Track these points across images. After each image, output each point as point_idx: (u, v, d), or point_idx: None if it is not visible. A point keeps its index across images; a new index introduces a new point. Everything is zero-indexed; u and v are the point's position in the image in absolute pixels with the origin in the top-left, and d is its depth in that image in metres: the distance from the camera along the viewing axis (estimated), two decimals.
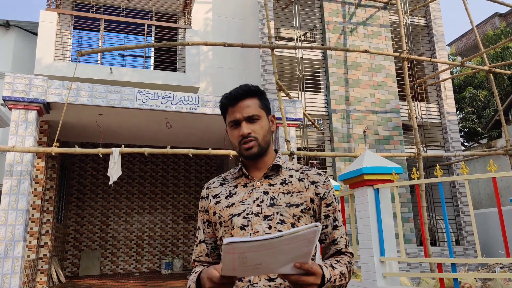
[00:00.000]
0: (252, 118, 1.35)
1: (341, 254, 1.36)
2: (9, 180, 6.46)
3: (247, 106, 1.36)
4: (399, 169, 4.46)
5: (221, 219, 1.34)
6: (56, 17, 9.20)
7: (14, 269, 6.16)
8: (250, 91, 1.38)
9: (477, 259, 3.68)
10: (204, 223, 1.42)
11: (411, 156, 7.76)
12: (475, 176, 3.80)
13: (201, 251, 1.42)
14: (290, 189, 1.35)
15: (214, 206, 1.37)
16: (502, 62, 13.39)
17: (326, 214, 1.37)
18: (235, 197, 1.35)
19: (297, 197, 1.33)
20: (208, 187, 1.45)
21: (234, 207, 1.33)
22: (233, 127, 1.37)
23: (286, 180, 1.37)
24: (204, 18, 11.06)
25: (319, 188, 1.37)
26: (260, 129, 1.36)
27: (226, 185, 1.41)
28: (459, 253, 9.62)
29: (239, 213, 1.31)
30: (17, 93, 6.71)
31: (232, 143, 1.40)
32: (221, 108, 1.42)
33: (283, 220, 1.29)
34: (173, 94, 7.68)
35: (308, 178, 1.39)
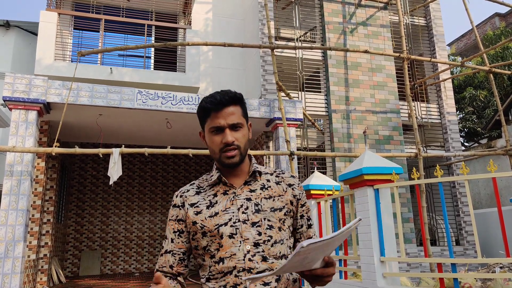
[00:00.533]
0: (236, 126, 1.34)
1: None
2: (9, 180, 6.46)
3: (232, 113, 1.34)
4: (399, 169, 4.46)
5: (204, 229, 1.31)
6: (56, 17, 9.20)
7: (14, 269, 6.17)
8: (236, 98, 1.36)
9: (477, 259, 3.68)
10: (174, 232, 1.38)
11: (411, 156, 7.76)
12: (475, 176, 3.81)
13: (165, 261, 1.39)
14: (270, 193, 1.37)
15: (194, 216, 1.34)
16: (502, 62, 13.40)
17: (301, 214, 1.43)
18: (217, 206, 1.33)
19: (279, 200, 1.36)
20: (182, 195, 1.40)
21: (218, 216, 1.31)
22: (214, 133, 1.34)
23: (265, 185, 1.38)
24: (204, 18, 11.06)
25: (295, 190, 1.41)
26: (243, 138, 1.35)
27: (203, 194, 1.38)
28: (459, 253, 9.62)
29: (226, 222, 1.29)
30: (17, 93, 6.72)
31: (210, 149, 1.37)
32: (203, 111, 1.37)
33: (271, 225, 1.31)
34: (173, 94, 7.68)
35: (284, 181, 1.42)
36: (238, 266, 1.25)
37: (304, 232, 1.43)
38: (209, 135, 1.36)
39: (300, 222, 1.42)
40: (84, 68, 9.06)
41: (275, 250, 1.29)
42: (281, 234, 1.32)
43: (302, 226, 1.42)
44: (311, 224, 1.45)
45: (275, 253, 1.29)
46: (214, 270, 1.29)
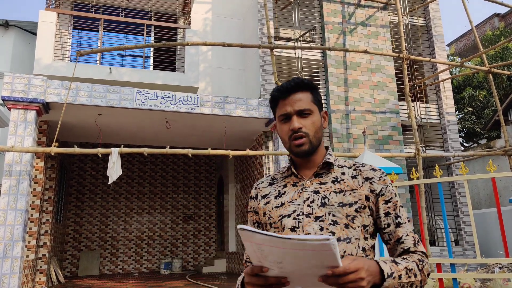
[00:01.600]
0: (303, 112, 1.28)
1: (410, 253, 1.23)
2: (8, 180, 6.45)
3: (299, 99, 1.29)
4: (398, 169, 4.46)
5: (270, 220, 1.28)
6: (55, 17, 9.19)
7: (13, 269, 6.16)
8: (303, 84, 1.32)
9: (476, 259, 3.68)
10: (253, 224, 1.38)
11: (410, 156, 7.76)
12: (474, 176, 3.81)
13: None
14: (342, 187, 1.26)
15: (263, 207, 1.33)
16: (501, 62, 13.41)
17: (386, 212, 1.26)
18: (284, 197, 1.30)
19: (350, 195, 1.25)
20: (256, 187, 1.40)
21: (283, 207, 1.27)
22: (283, 121, 1.31)
23: (338, 178, 1.29)
24: (203, 18, 11.06)
25: (374, 184, 1.27)
26: (312, 125, 1.29)
27: (275, 185, 1.36)
28: (458, 253, 9.62)
29: (289, 214, 1.25)
30: (16, 93, 6.71)
31: (281, 139, 1.33)
32: (272, 101, 1.35)
33: (335, 221, 1.22)
34: (173, 94, 7.67)
35: (361, 174, 1.29)
36: None
37: (393, 232, 1.25)
38: (279, 124, 1.33)
39: (385, 220, 1.26)
40: (83, 68, 9.04)
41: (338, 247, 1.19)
42: (348, 231, 1.21)
43: (389, 225, 1.25)
44: (401, 222, 1.25)
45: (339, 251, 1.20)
46: None
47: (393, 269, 1.10)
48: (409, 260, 1.18)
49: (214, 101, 7.90)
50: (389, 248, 1.28)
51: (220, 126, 8.64)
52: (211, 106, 7.85)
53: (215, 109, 7.84)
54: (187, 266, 12.50)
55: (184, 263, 12.37)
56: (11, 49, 10.37)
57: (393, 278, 1.09)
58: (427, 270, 1.21)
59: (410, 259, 1.18)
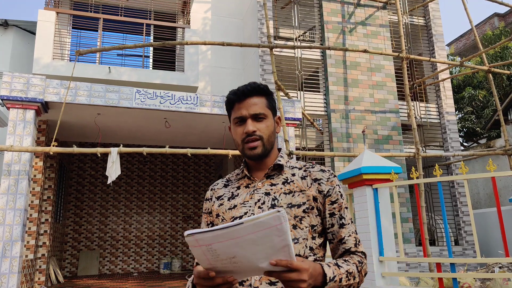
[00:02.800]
0: (258, 116, 1.31)
1: (350, 253, 1.28)
2: (7, 179, 6.44)
3: (254, 103, 1.32)
4: (398, 168, 4.45)
5: (223, 222, 1.30)
6: (54, 17, 9.17)
7: (12, 269, 6.14)
8: (259, 89, 1.34)
9: (476, 259, 3.67)
10: (208, 225, 1.40)
11: (410, 156, 7.75)
12: (474, 176, 3.79)
13: None
14: (291, 188, 1.29)
15: (217, 209, 1.35)
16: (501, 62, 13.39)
17: (332, 212, 1.30)
18: (237, 199, 1.32)
19: (299, 196, 1.27)
20: (212, 189, 1.43)
21: (236, 209, 1.30)
22: (238, 124, 1.33)
23: (288, 180, 1.31)
24: (203, 17, 11.04)
25: (322, 186, 1.30)
26: (266, 129, 1.31)
27: (230, 187, 1.39)
28: (458, 253, 9.62)
29: (241, 216, 1.28)
30: (15, 93, 6.69)
31: (235, 141, 1.35)
32: (227, 103, 1.37)
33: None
34: (172, 93, 7.66)
35: (310, 175, 1.32)
36: None
37: (336, 232, 1.29)
38: (233, 126, 1.36)
39: (330, 220, 1.29)
40: (82, 67, 9.03)
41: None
42: (296, 232, 1.23)
43: (333, 225, 1.29)
44: (344, 223, 1.29)
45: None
46: None
47: (335, 272, 1.13)
48: (350, 262, 1.21)
49: (213, 101, 7.89)
50: (332, 247, 1.32)
51: (219, 125, 8.62)
52: (210, 105, 7.83)
53: (215, 109, 7.83)
54: (187, 266, 12.48)
55: (183, 263, 12.36)
56: (10, 48, 10.35)
57: (334, 281, 1.12)
58: (365, 271, 1.26)
59: (351, 261, 1.22)
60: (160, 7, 10.99)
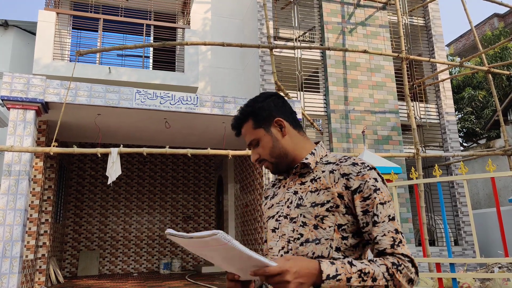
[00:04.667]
0: (252, 143, 1.34)
1: (386, 255, 1.13)
2: (7, 180, 6.44)
3: (244, 134, 1.35)
4: (397, 169, 4.46)
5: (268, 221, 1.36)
6: (54, 17, 9.18)
7: (12, 269, 6.15)
8: (242, 117, 1.34)
9: (476, 259, 3.68)
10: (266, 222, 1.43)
11: (410, 156, 7.76)
12: (473, 176, 3.80)
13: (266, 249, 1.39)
14: (317, 186, 1.22)
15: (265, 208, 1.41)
16: (500, 62, 13.41)
17: (365, 210, 1.16)
18: (275, 198, 1.36)
19: (323, 194, 1.20)
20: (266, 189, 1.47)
21: (272, 208, 1.35)
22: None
23: (316, 177, 1.24)
24: (203, 18, 11.05)
25: (350, 181, 1.18)
26: (263, 150, 1.31)
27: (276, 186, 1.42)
28: (457, 253, 9.63)
29: (273, 215, 1.32)
30: (16, 93, 6.70)
31: None
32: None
33: (305, 222, 1.20)
34: (172, 94, 7.67)
35: (340, 170, 1.21)
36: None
37: (370, 231, 1.16)
38: None
39: (364, 219, 1.16)
40: (82, 68, 9.04)
41: (305, 249, 1.17)
42: (317, 232, 1.17)
43: (368, 224, 1.16)
44: (377, 221, 1.15)
45: (306, 252, 1.17)
46: None
47: (340, 271, 1.05)
48: (376, 263, 1.10)
49: (213, 101, 7.89)
50: (370, 249, 1.21)
51: (219, 126, 8.63)
52: (210, 106, 7.84)
53: (215, 109, 7.83)
54: (187, 266, 12.49)
55: (183, 263, 12.36)
56: (10, 49, 10.36)
57: (336, 280, 1.04)
58: (406, 275, 1.10)
59: (378, 262, 1.10)
60: (160, 8, 10.99)
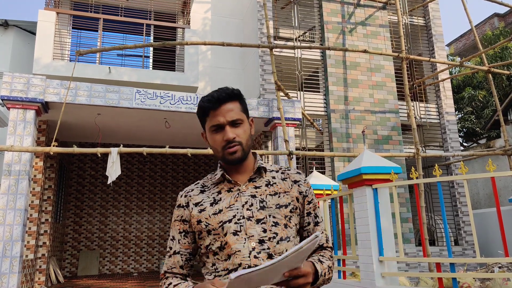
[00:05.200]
0: (235, 122, 1.33)
1: (323, 249, 1.39)
2: (7, 179, 6.44)
3: (231, 109, 1.33)
4: (398, 169, 4.45)
5: (209, 227, 1.30)
6: (54, 17, 9.18)
7: (12, 269, 6.15)
8: (233, 94, 1.36)
9: (476, 258, 3.67)
10: (180, 233, 1.37)
11: (410, 156, 7.76)
12: (473, 176, 3.80)
13: (174, 262, 1.36)
14: (276, 190, 1.35)
15: (198, 215, 1.33)
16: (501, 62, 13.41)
17: (308, 212, 1.40)
18: (221, 204, 1.32)
19: (284, 197, 1.35)
20: (186, 195, 1.39)
21: (222, 213, 1.30)
22: (215, 131, 1.35)
23: (270, 182, 1.37)
24: (203, 17, 11.04)
25: (301, 187, 1.40)
26: (244, 133, 1.34)
27: (207, 192, 1.38)
28: (457, 253, 9.62)
29: (230, 219, 1.29)
30: (15, 93, 6.69)
31: (212, 148, 1.38)
32: (202, 111, 1.37)
33: (276, 222, 1.30)
34: (172, 93, 7.67)
35: (290, 177, 1.41)
36: (243, 263, 1.25)
37: (312, 230, 1.40)
38: (210, 134, 1.37)
39: (307, 219, 1.40)
40: (82, 68, 9.03)
41: (281, 247, 1.28)
42: (287, 231, 1.31)
43: (310, 223, 1.40)
44: (318, 222, 1.42)
45: (281, 250, 1.28)
46: (219, 267, 1.28)
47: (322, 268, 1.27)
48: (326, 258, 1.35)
49: None
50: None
51: None
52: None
53: None
54: None
55: None
56: (10, 48, 10.36)
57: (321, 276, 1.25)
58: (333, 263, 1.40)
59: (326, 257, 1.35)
60: (160, 7, 10.99)
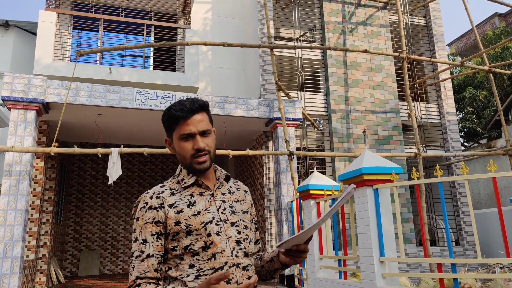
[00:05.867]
0: (205, 132, 1.40)
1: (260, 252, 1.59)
2: (8, 180, 6.44)
3: (201, 120, 1.39)
4: (398, 169, 4.44)
5: (190, 228, 1.31)
6: (55, 17, 9.18)
7: (13, 269, 6.15)
8: (204, 106, 1.42)
9: (477, 259, 3.66)
10: (153, 235, 1.33)
11: (410, 156, 7.75)
12: (474, 176, 3.79)
13: (149, 266, 1.31)
14: (237, 197, 1.48)
15: (175, 216, 1.33)
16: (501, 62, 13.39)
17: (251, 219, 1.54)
18: (197, 206, 1.36)
19: (243, 204, 1.49)
20: (158, 197, 1.38)
21: (201, 215, 1.34)
22: (184, 140, 1.39)
23: (231, 190, 1.49)
24: (203, 18, 11.05)
25: (248, 196, 1.56)
26: (212, 143, 1.43)
27: (178, 195, 1.39)
28: (459, 254, 9.61)
29: (210, 221, 1.35)
30: (16, 93, 6.70)
31: (180, 155, 1.42)
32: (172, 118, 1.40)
33: (245, 225, 1.43)
34: (172, 94, 7.67)
35: (241, 187, 1.55)
36: (229, 262, 1.32)
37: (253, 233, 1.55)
38: (179, 142, 1.41)
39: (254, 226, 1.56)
40: (83, 68, 9.04)
41: (251, 247, 1.43)
42: (251, 234, 1.46)
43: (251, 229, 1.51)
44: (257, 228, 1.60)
45: (251, 250, 1.43)
46: (204, 266, 1.30)
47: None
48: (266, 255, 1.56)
49: (214, 101, 7.89)
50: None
51: (220, 126, 8.63)
52: (211, 106, 7.84)
53: (215, 109, 7.83)
54: None
55: None
56: (11, 49, 10.37)
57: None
58: None
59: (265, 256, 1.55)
60: (161, 8, 10.99)
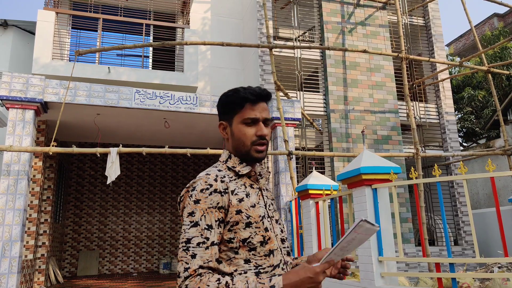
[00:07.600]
0: (267, 121, 1.34)
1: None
2: (6, 179, 6.43)
3: (265, 109, 1.34)
4: (397, 169, 4.44)
5: (250, 219, 1.22)
6: (54, 17, 9.17)
7: (11, 269, 6.14)
8: (270, 95, 1.37)
9: (475, 259, 3.67)
10: (216, 221, 1.20)
11: (409, 156, 7.76)
12: (473, 176, 3.79)
13: (212, 255, 1.18)
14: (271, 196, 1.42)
15: (238, 204, 1.22)
16: (500, 62, 13.41)
17: None
18: (251, 199, 1.27)
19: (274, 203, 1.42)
20: (223, 180, 1.24)
21: (257, 208, 1.26)
22: (248, 125, 1.30)
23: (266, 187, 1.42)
24: (202, 17, 11.04)
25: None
26: (270, 134, 1.37)
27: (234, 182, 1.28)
28: (457, 253, 9.62)
29: (264, 215, 1.27)
30: (15, 93, 6.69)
31: (239, 140, 1.31)
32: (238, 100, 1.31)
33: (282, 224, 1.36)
34: (171, 93, 7.66)
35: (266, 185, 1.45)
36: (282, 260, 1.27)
37: None
38: (240, 126, 1.31)
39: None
40: (81, 68, 9.02)
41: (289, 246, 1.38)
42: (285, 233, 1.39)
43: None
44: None
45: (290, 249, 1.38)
46: (263, 263, 1.22)
47: None
48: None
49: (213, 101, 7.89)
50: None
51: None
52: (210, 105, 7.83)
53: (214, 109, 7.82)
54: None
55: None
56: (9, 48, 10.35)
57: None
58: None
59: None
60: (160, 7, 10.98)
